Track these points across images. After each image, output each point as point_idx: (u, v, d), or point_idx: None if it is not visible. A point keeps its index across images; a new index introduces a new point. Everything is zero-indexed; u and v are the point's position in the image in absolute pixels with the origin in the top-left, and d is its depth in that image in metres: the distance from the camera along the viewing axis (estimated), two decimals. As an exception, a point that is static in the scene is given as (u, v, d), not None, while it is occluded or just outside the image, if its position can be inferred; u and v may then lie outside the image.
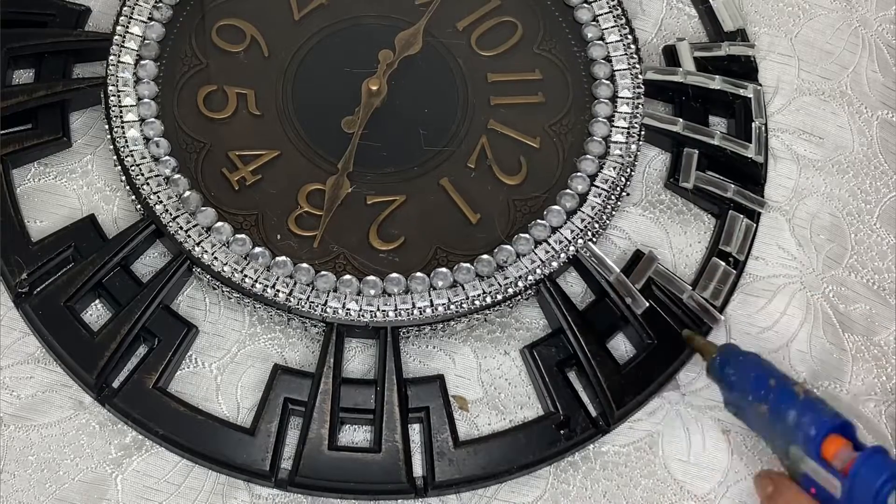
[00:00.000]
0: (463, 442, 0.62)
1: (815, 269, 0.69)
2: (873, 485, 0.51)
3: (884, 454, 0.52)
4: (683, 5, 0.76)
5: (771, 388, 0.56)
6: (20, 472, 0.61)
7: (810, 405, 0.54)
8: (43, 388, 0.63)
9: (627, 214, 0.70)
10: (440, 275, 0.64)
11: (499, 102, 0.70)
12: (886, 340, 0.68)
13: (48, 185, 0.68)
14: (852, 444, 0.53)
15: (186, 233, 0.64)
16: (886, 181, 0.72)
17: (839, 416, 0.54)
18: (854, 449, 0.53)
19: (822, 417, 0.54)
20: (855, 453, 0.52)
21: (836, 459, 0.53)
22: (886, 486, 0.51)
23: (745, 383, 0.57)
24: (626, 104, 0.69)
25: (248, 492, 0.61)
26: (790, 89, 0.74)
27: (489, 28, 0.72)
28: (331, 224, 0.65)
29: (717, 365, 0.59)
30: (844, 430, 0.54)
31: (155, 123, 0.67)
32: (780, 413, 0.55)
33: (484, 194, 0.67)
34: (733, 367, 0.58)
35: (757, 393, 0.56)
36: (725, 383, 0.59)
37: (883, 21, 0.77)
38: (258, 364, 0.64)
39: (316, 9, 0.72)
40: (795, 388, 0.55)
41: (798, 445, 0.54)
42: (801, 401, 0.55)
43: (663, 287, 0.66)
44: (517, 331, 0.66)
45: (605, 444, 0.64)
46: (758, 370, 0.57)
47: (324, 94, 0.70)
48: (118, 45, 0.68)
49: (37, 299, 0.63)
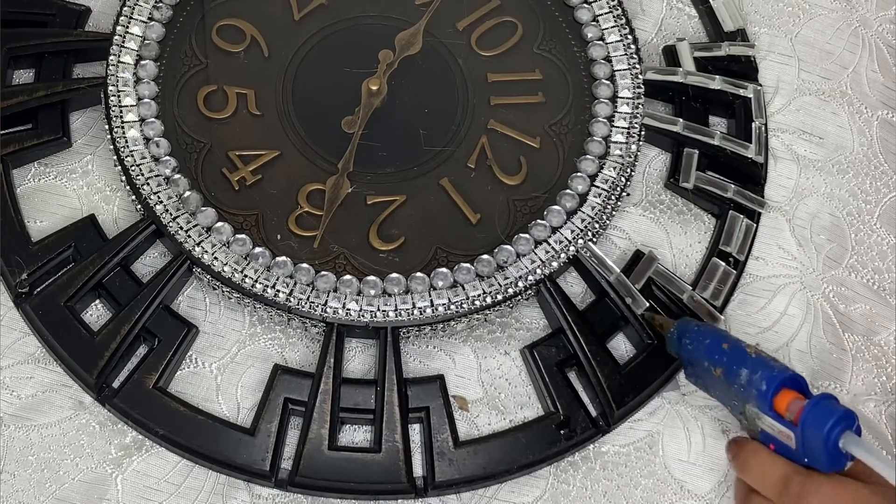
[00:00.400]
0: (463, 442, 0.62)
1: (815, 269, 0.69)
2: (823, 429, 0.52)
3: (831, 399, 0.53)
4: (683, 5, 0.76)
5: (725, 350, 0.58)
6: (20, 472, 0.61)
7: (761, 362, 0.56)
8: (43, 388, 0.63)
9: (627, 214, 0.70)
10: (440, 275, 0.64)
11: (499, 102, 0.70)
12: (886, 340, 0.68)
13: (48, 185, 0.68)
14: (804, 396, 0.54)
15: (186, 233, 0.64)
16: (886, 181, 0.72)
17: (788, 369, 0.55)
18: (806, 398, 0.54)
19: (773, 373, 0.55)
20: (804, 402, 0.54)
21: (788, 411, 0.54)
22: (835, 429, 0.52)
23: (700, 350, 0.59)
24: (627, 104, 0.69)
25: (248, 492, 0.61)
26: (790, 89, 0.74)
27: (489, 28, 0.72)
28: (331, 224, 0.65)
29: (675, 338, 0.61)
30: (795, 384, 0.55)
31: (155, 123, 0.67)
32: (734, 373, 0.57)
33: (484, 194, 0.67)
34: (689, 338, 0.60)
35: (712, 357, 0.58)
36: (684, 354, 0.60)
37: (883, 21, 0.77)
38: (258, 364, 0.64)
39: (316, 9, 0.72)
40: (748, 349, 0.57)
41: (752, 403, 0.56)
42: (753, 359, 0.56)
43: (663, 287, 0.66)
44: (517, 331, 0.66)
45: (605, 444, 0.64)
46: (713, 336, 0.59)
47: (324, 94, 0.70)
48: (118, 45, 0.68)
49: (37, 299, 0.63)
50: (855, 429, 0.53)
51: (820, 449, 0.52)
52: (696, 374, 0.60)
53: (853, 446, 0.52)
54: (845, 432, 0.52)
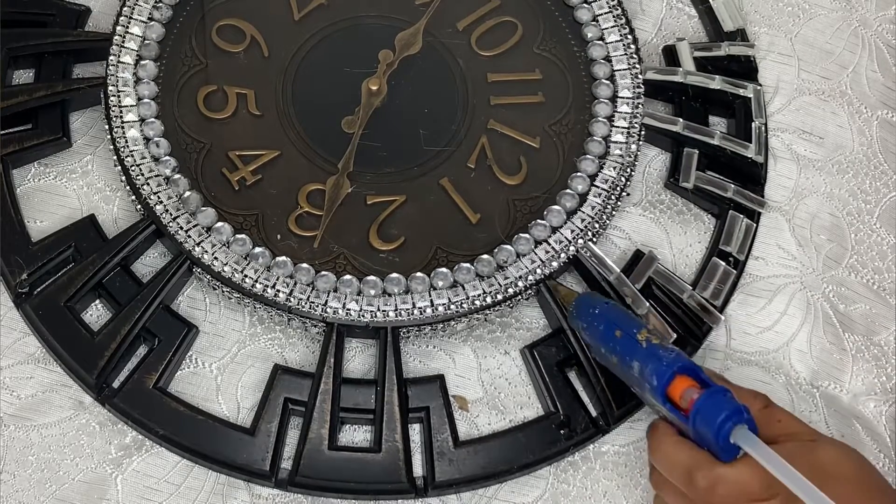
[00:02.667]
0: (463, 442, 0.62)
1: (815, 269, 0.69)
2: (714, 423, 0.51)
3: (723, 393, 0.52)
4: (683, 5, 0.76)
5: (617, 339, 0.57)
6: (20, 472, 0.61)
7: (652, 353, 0.55)
8: (43, 388, 0.63)
9: (627, 214, 0.70)
10: (440, 275, 0.64)
11: (499, 102, 0.70)
12: (886, 340, 0.68)
13: (48, 185, 0.68)
14: (699, 384, 0.53)
15: (186, 233, 0.64)
16: (886, 181, 0.72)
17: (680, 357, 0.54)
18: (701, 388, 0.53)
19: (662, 365, 0.54)
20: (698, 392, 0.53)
21: (682, 399, 0.53)
22: (727, 423, 0.51)
23: (595, 336, 0.58)
24: (626, 104, 0.69)
25: (248, 492, 0.61)
26: (790, 89, 0.74)
27: (489, 28, 0.72)
28: (331, 224, 0.65)
29: (574, 317, 0.60)
30: (689, 371, 0.54)
31: (155, 123, 0.67)
32: (627, 364, 0.56)
33: (484, 194, 0.67)
34: (584, 321, 0.59)
35: (606, 345, 0.57)
36: (582, 336, 0.60)
37: (883, 21, 0.77)
38: (258, 364, 0.64)
39: (316, 9, 0.72)
40: (639, 337, 0.56)
41: (648, 394, 0.55)
42: (643, 350, 0.55)
43: (663, 287, 0.66)
44: (517, 331, 0.66)
45: (605, 444, 0.64)
46: (605, 321, 0.58)
47: (324, 94, 0.70)
48: (118, 46, 0.68)
49: (37, 299, 0.63)
50: (746, 421, 0.52)
51: (712, 442, 0.52)
52: (598, 356, 0.60)
53: (744, 442, 0.51)
54: (737, 426, 0.51)
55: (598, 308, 0.59)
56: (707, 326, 0.65)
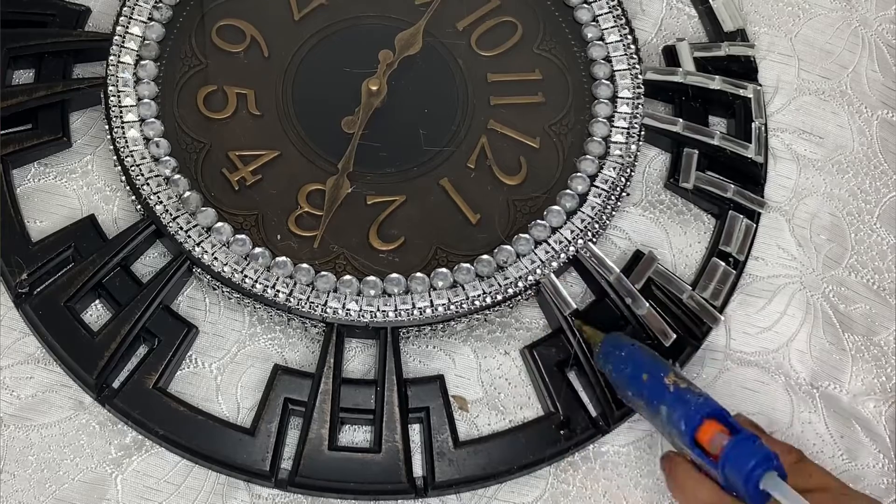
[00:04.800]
0: (463, 442, 0.62)
1: (815, 269, 0.69)
2: (744, 469, 0.51)
3: (753, 439, 0.52)
4: (683, 5, 0.76)
5: (644, 383, 0.56)
6: (20, 472, 0.61)
7: (679, 398, 0.55)
8: (43, 388, 0.63)
9: (627, 214, 0.70)
10: (440, 275, 0.64)
11: (499, 102, 0.70)
12: (886, 340, 0.68)
13: (48, 185, 0.68)
14: (728, 429, 0.53)
15: (186, 233, 0.64)
16: (886, 181, 0.72)
17: (709, 402, 0.54)
18: (731, 433, 0.53)
19: (690, 410, 0.54)
20: (727, 438, 0.52)
21: (711, 445, 0.53)
22: (757, 469, 0.51)
23: (623, 378, 0.58)
24: (626, 104, 0.69)
25: (248, 492, 0.61)
26: (790, 89, 0.74)
27: (489, 28, 0.72)
28: (331, 224, 0.65)
29: (601, 359, 0.60)
30: (717, 416, 0.54)
31: (155, 123, 0.67)
32: (654, 408, 0.56)
33: (484, 194, 0.67)
34: (612, 363, 0.59)
35: (633, 388, 0.57)
36: (610, 378, 0.60)
37: (883, 21, 0.77)
38: (258, 364, 0.64)
39: (316, 9, 0.72)
40: (666, 380, 0.56)
41: (677, 439, 0.55)
42: (672, 394, 0.55)
43: (663, 287, 0.66)
44: (517, 331, 0.66)
45: (605, 444, 0.64)
46: (632, 364, 0.58)
47: (324, 95, 0.70)
48: (118, 46, 0.68)
49: (37, 299, 0.63)
50: (776, 468, 0.51)
51: (741, 488, 0.52)
52: (624, 398, 0.59)
53: (774, 489, 0.51)
54: (767, 473, 0.51)
55: (624, 350, 0.59)
56: (707, 327, 0.65)
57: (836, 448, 0.65)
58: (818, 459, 0.64)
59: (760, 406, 0.65)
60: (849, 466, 0.64)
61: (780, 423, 0.65)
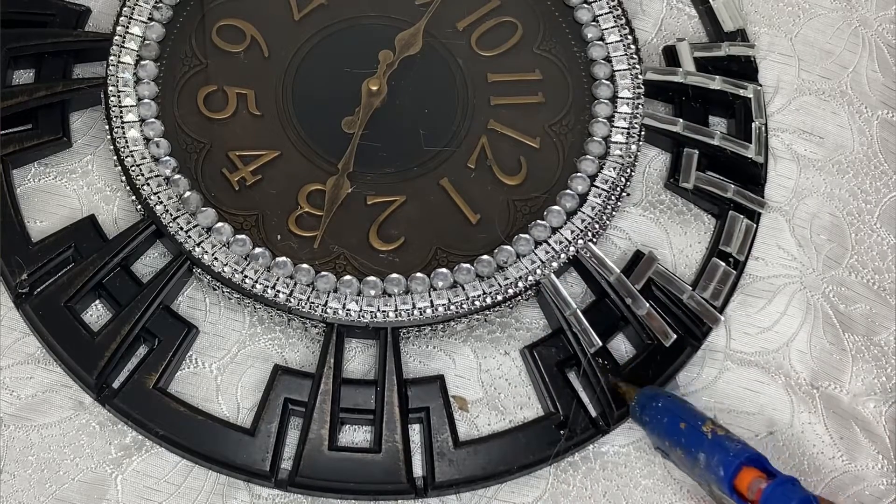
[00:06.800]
0: (463, 442, 0.62)
1: (815, 269, 0.69)
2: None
3: (791, 483, 0.53)
4: (683, 5, 0.76)
5: (681, 431, 0.57)
6: (20, 472, 0.61)
7: (718, 444, 0.56)
8: (43, 388, 0.63)
9: (627, 215, 0.70)
10: (440, 275, 0.64)
11: (499, 102, 0.70)
12: (886, 340, 0.68)
13: (48, 186, 0.68)
14: (766, 475, 0.54)
15: (187, 233, 0.64)
16: (886, 181, 0.72)
17: (747, 449, 0.55)
18: (768, 477, 0.54)
19: (728, 456, 0.55)
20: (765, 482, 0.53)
21: (749, 491, 0.54)
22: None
23: (659, 428, 0.59)
24: (626, 104, 0.69)
25: (248, 492, 0.61)
26: (790, 89, 0.74)
27: (489, 28, 0.72)
28: (331, 224, 0.65)
29: (637, 411, 0.61)
30: (755, 462, 0.55)
31: (155, 124, 0.67)
32: (693, 455, 0.56)
33: (484, 194, 0.67)
34: (648, 414, 0.60)
35: (671, 437, 0.58)
36: (646, 428, 0.60)
37: (883, 21, 0.77)
38: (258, 364, 0.64)
39: (316, 9, 0.72)
40: (704, 428, 0.57)
41: (715, 486, 0.55)
42: (710, 441, 0.56)
43: (663, 287, 0.66)
44: (517, 331, 0.66)
45: (605, 444, 0.64)
46: (669, 414, 0.58)
47: (324, 95, 0.70)
48: (118, 46, 0.68)
49: (37, 300, 0.63)
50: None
51: None
52: (660, 448, 0.60)
53: None
54: None
55: (661, 402, 0.60)
56: (707, 327, 0.65)
57: (835, 449, 0.65)
58: (818, 460, 0.64)
59: (760, 406, 0.65)
60: (848, 467, 0.64)
61: (780, 423, 0.65)
